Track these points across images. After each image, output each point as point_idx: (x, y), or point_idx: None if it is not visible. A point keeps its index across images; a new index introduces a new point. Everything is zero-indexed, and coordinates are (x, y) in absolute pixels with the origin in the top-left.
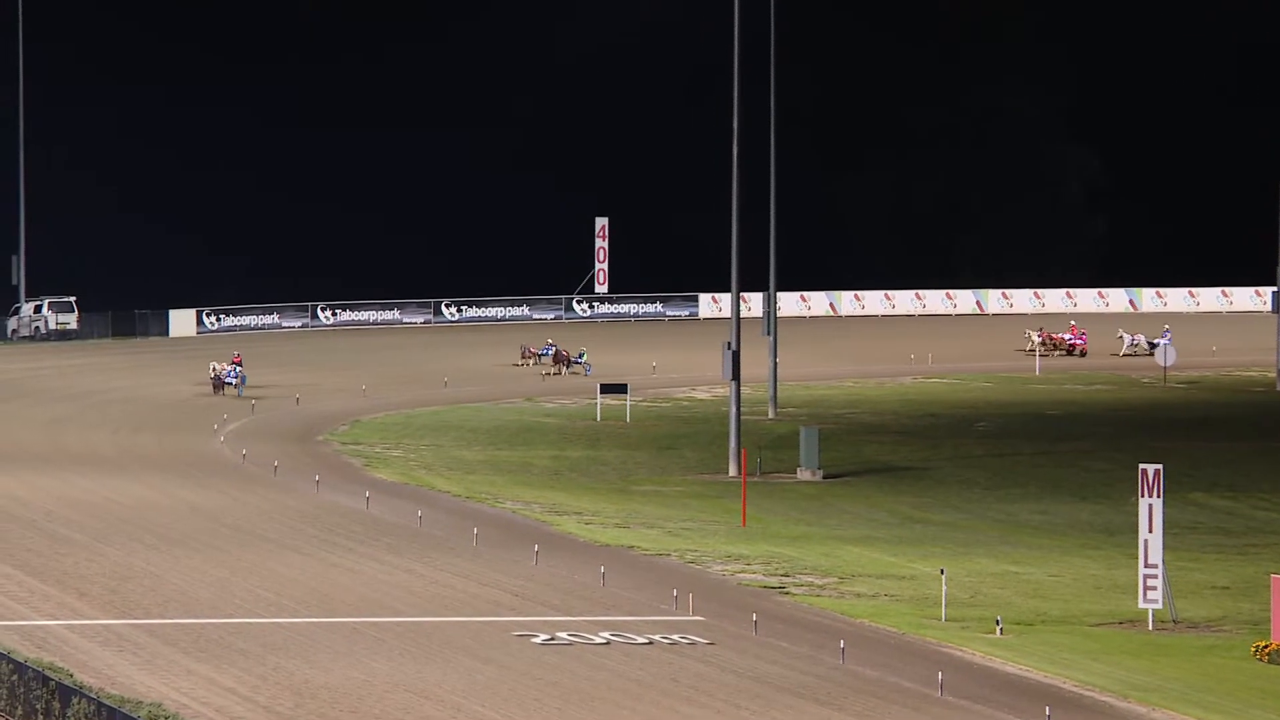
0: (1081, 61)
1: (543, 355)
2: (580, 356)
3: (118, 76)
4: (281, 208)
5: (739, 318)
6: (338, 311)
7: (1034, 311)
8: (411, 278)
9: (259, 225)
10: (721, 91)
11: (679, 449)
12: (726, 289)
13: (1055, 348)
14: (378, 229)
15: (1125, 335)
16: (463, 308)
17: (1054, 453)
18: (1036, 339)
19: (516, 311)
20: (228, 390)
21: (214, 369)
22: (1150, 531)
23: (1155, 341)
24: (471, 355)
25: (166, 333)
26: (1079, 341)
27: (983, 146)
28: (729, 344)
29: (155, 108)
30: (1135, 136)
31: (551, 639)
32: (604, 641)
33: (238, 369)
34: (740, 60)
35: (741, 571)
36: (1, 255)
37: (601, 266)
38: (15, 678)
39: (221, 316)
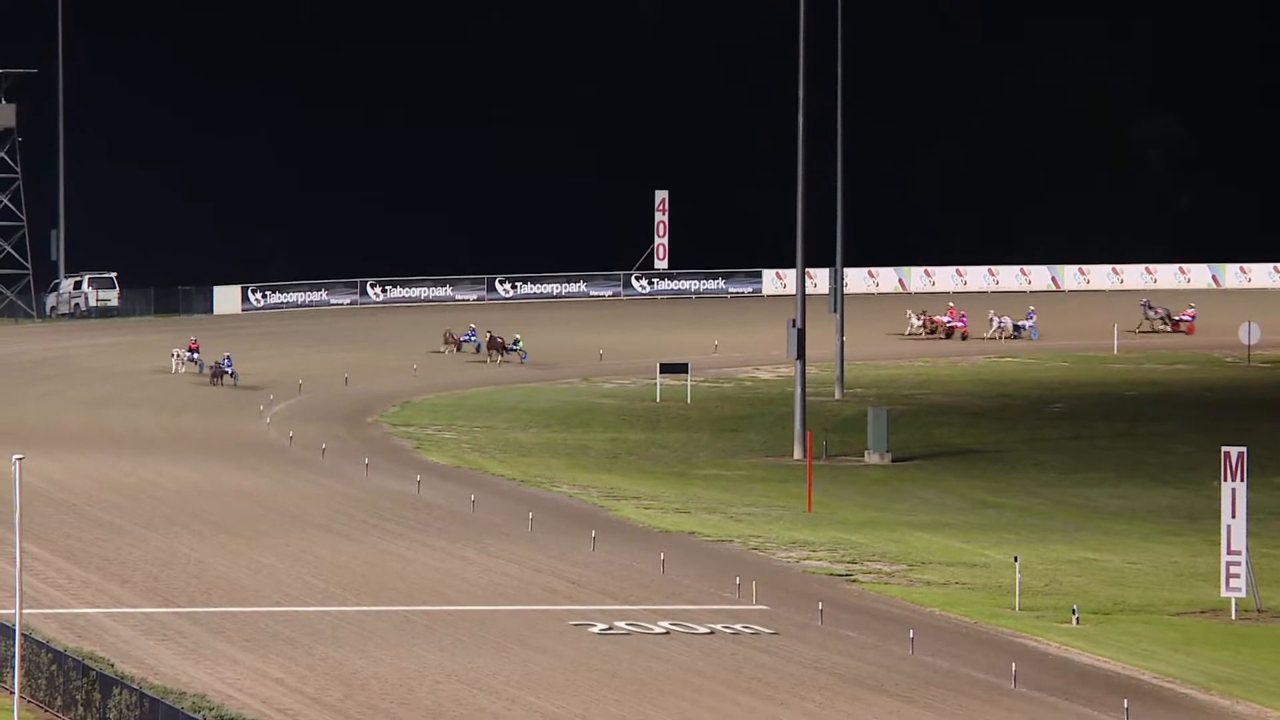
0: (1161, 27)
1: (465, 341)
2: (515, 343)
3: (160, 54)
4: (331, 184)
5: (804, 294)
6: (388, 288)
7: (1112, 288)
8: (465, 254)
9: (306, 202)
10: (788, 60)
11: (742, 431)
12: (791, 264)
13: (934, 330)
14: (431, 205)
15: (994, 317)
16: (517, 284)
17: (1133, 435)
18: (917, 322)
19: (573, 288)
20: (225, 381)
21: (176, 354)
22: (1233, 517)
23: (1020, 324)
24: (527, 334)
25: (211, 310)
26: (959, 324)
27: (1060, 117)
28: (794, 321)
29: (199, 84)
30: (1220, 105)
31: (609, 628)
32: (664, 631)
33: (194, 354)
34: (807, 29)
35: (807, 559)
36: (40, 230)
37: (661, 241)
38: (55, 668)
39: (267, 293)
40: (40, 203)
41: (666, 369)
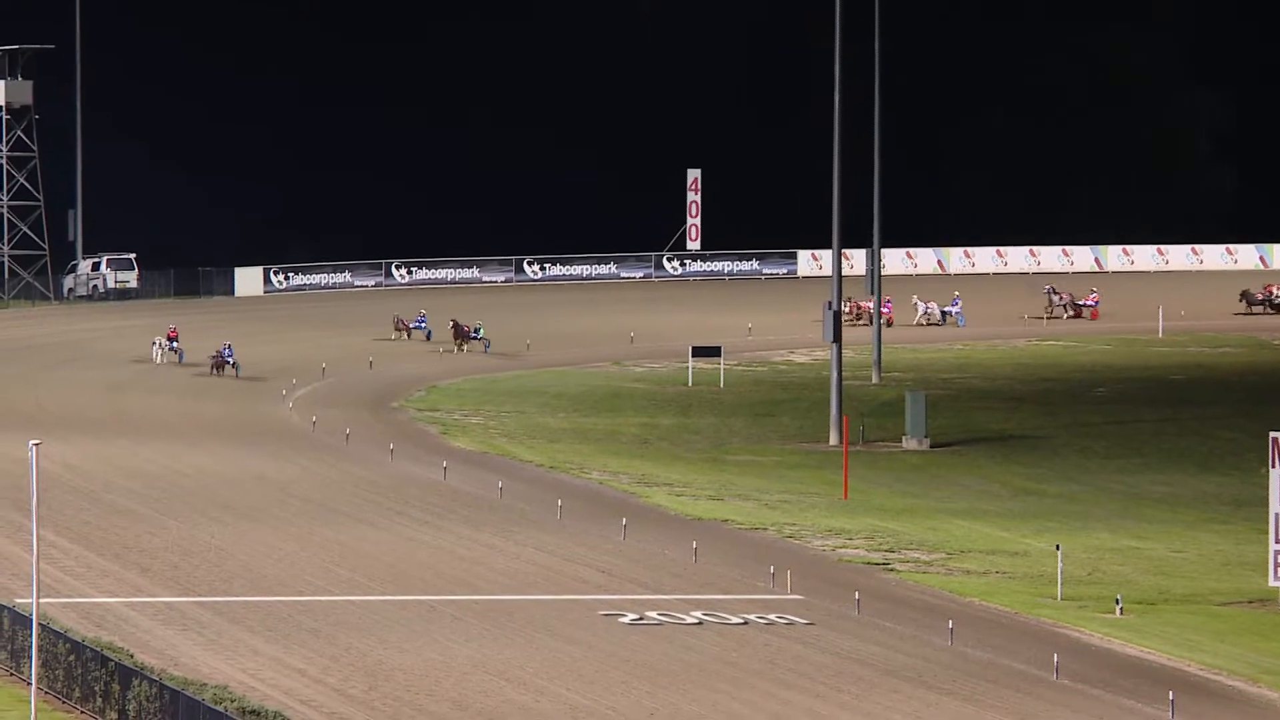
0: (1204, 2)
1: (415, 327)
2: (477, 331)
3: (178, 34)
4: (355, 164)
5: (840, 276)
6: (414, 269)
7: (1156, 269)
8: (492, 234)
9: (329, 182)
10: (824, 35)
11: (776, 416)
12: (827, 245)
13: (859, 316)
14: (458, 182)
15: (919, 303)
16: (546, 266)
17: (1178, 420)
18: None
19: (603, 270)
20: (226, 370)
21: (158, 344)
22: None
23: (946, 309)
24: (556, 316)
25: (232, 292)
26: (883, 310)
27: (1103, 95)
28: (830, 304)
29: (219, 65)
30: (1267, 80)
31: (640, 618)
32: (696, 621)
33: (174, 343)
34: (844, 4)
35: (843, 547)
36: (58, 210)
37: (694, 222)
38: (73, 658)
39: (290, 275)
40: (58, 182)
41: (699, 352)
